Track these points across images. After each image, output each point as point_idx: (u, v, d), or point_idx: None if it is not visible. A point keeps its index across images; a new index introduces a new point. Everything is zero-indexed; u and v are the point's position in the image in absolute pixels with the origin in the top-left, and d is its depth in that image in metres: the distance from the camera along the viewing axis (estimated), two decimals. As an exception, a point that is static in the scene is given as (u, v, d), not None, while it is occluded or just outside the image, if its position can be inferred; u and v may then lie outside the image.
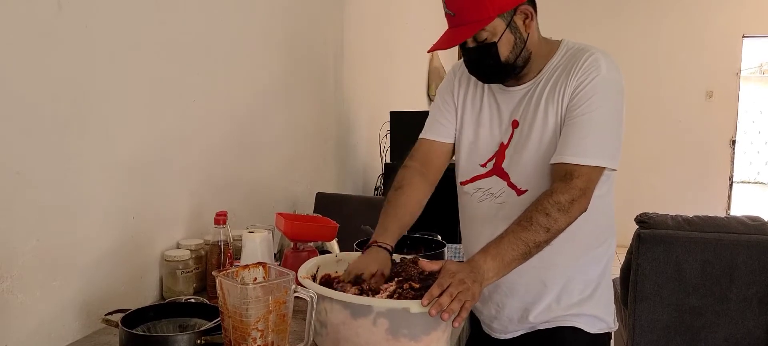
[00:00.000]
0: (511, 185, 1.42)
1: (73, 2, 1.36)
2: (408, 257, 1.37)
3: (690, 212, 2.82)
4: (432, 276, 1.20)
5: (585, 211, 1.29)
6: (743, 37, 5.81)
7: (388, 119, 3.36)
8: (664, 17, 5.89)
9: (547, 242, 1.24)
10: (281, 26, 2.36)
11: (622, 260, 2.94)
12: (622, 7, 5.96)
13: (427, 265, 1.22)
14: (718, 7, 5.79)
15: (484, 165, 1.47)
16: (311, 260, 1.42)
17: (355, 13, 3.14)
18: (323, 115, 2.84)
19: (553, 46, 1.42)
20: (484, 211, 1.47)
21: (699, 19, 5.83)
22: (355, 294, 1.23)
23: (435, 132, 1.55)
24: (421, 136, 1.58)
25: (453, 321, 1.13)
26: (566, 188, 1.26)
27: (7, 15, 1.21)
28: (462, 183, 1.53)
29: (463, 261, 1.24)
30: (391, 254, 1.36)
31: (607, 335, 1.50)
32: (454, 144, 1.56)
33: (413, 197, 1.49)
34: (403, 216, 1.45)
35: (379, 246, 1.35)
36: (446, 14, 1.35)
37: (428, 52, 1.40)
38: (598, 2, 6.02)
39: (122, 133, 1.54)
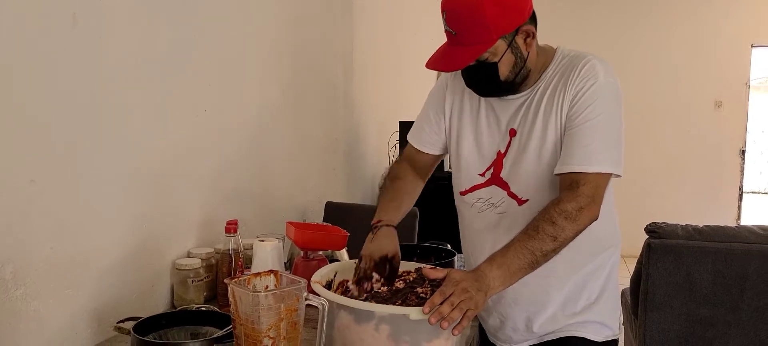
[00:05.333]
0: (512, 195, 1.41)
1: (88, 16, 1.38)
2: (418, 265, 1.38)
3: (700, 222, 2.80)
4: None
5: (596, 219, 1.28)
6: (752, 46, 5.78)
7: (397, 129, 3.37)
8: (672, 27, 5.88)
9: (555, 251, 1.23)
10: (291, 37, 2.38)
11: (633, 270, 2.93)
12: (631, 17, 5.95)
13: (432, 273, 1.21)
14: (727, 17, 5.77)
15: (482, 174, 1.46)
16: (330, 265, 1.43)
17: (364, 23, 3.17)
18: (333, 125, 2.85)
19: (548, 54, 1.41)
20: (484, 221, 1.47)
21: (708, 29, 5.81)
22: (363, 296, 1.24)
23: (422, 143, 1.57)
24: (408, 138, 1.61)
25: (453, 329, 1.12)
26: (573, 196, 1.25)
27: (24, 28, 1.23)
28: (462, 193, 1.52)
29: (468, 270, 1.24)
30: (396, 231, 1.41)
31: (614, 341, 1.49)
32: (443, 154, 1.58)
33: (409, 187, 1.56)
34: (402, 201, 1.52)
35: (387, 226, 1.41)
36: (446, 31, 1.32)
37: (427, 67, 1.37)
38: (607, 12, 6.01)
39: (134, 143, 1.55)
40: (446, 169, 3.28)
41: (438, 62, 1.34)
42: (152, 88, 1.61)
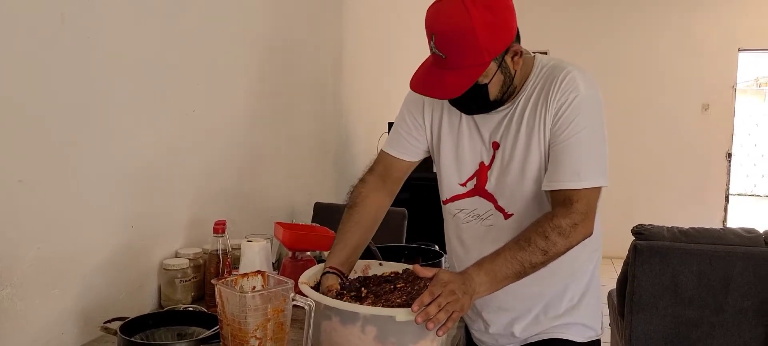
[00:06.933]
0: (499, 208, 1.41)
1: (76, 15, 1.37)
2: (405, 266, 1.39)
3: (686, 224, 2.83)
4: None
5: (590, 235, 1.28)
6: (739, 50, 5.84)
7: (386, 130, 3.38)
8: (661, 32, 5.92)
9: (544, 264, 1.24)
10: (280, 37, 2.38)
11: (619, 271, 2.96)
12: (621, 22, 5.99)
13: (421, 271, 1.22)
14: (715, 22, 5.83)
15: (463, 184, 1.45)
16: (317, 266, 1.43)
17: (354, 24, 3.17)
18: (322, 126, 2.86)
19: (528, 65, 1.37)
20: (471, 233, 1.47)
21: (696, 33, 5.87)
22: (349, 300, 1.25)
23: (401, 150, 1.51)
24: (384, 148, 1.54)
25: (438, 330, 1.14)
26: (568, 213, 1.25)
27: (12, 27, 1.23)
28: (444, 202, 1.52)
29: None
30: (340, 277, 1.36)
31: (597, 342, 1.50)
32: (419, 161, 1.54)
33: (367, 214, 1.47)
34: (355, 236, 1.44)
35: (330, 272, 1.36)
36: (433, 53, 1.25)
37: (414, 91, 1.31)
38: (597, 17, 6.05)
39: (123, 143, 1.55)
40: (435, 169, 3.30)
41: (427, 88, 1.29)
42: (141, 88, 1.61)
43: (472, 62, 1.22)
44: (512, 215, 1.40)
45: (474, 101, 1.32)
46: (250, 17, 2.14)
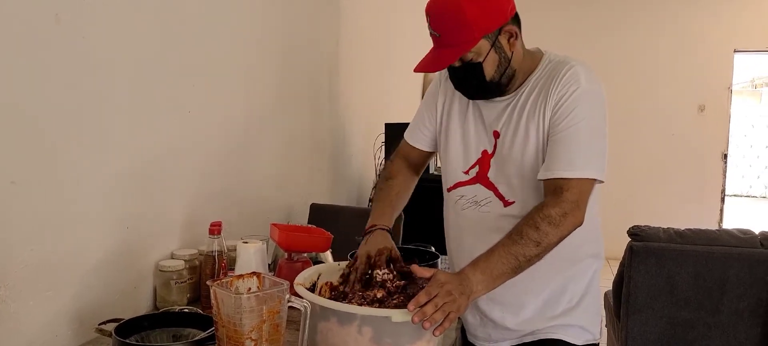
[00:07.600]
0: (499, 196, 1.44)
1: (71, 15, 1.37)
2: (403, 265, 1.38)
3: (682, 225, 2.84)
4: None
5: (580, 225, 1.29)
6: (735, 52, 5.86)
7: (383, 131, 3.38)
8: (657, 33, 5.94)
9: (538, 256, 1.25)
10: (276, 38, 2.38)
11: (616, 272, 2.96)
12: (618, 22, 6.01)
13: (419, 271, 1.23)
14: (711, 23, 5.85)
15: (466, 172, 1.49)
16: (313, 267, 1.43)
17: (351, 25, 3.17)
18: (318, 126, 2.85)
19: (535, 58, 1.43)
20: (468, 219, 1.49)
21: (692, 34, 5.88)
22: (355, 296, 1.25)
23: (416, 139, 1.63)
24: (405, 135, 1.66)
25: (434, 331, 1.14)
26: (557, 202, 1.27)
27: (6, 26, 1.22)
28: (448, 189, 1.55)
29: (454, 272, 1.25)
30: (391, 235, 1.43)
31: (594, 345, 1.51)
32: (434, 151, 1.63)
33: (404, 186, 1.61)
34: (396, 202, 1.56)
35: (381, 229, 1.43)
36: (431, 34, 1.34)
37: (415, 71, 1.40)
38: (595, 18, 6.07)
39: (117, 143, 1.55)
40: (432, 171, 3.30)
41: (424, 65, 1.37)
42: (136, 88, 1.60)
43: (463, 39, 1.30)
44: (512, 203, 1.42)
45: (471, 81, 1.38)
46: (246, 18, 2.14)
